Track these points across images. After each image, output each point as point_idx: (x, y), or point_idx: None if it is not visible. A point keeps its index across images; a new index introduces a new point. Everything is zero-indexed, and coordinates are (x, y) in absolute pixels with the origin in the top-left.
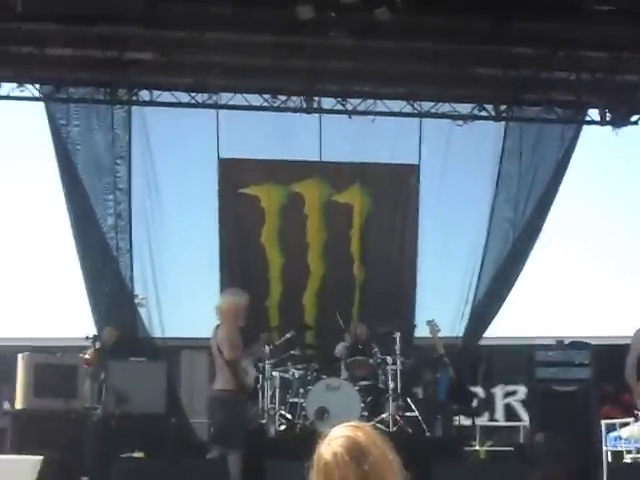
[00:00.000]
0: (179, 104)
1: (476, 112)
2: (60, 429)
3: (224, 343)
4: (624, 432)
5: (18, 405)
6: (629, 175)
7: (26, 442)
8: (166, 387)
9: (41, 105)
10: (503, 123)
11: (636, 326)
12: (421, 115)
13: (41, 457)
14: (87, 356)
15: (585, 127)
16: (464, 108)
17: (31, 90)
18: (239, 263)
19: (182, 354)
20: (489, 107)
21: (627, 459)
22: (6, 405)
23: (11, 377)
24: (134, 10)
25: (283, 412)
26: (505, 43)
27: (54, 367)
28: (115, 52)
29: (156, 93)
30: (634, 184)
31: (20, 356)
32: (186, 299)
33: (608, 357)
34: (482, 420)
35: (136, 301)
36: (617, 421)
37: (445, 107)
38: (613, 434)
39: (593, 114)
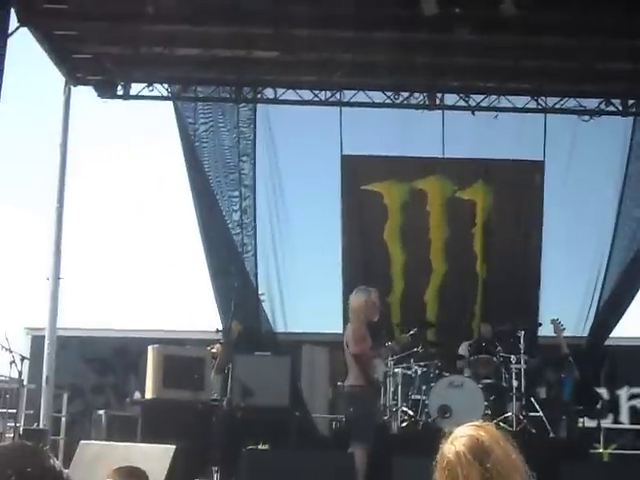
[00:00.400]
0: (303, 102)
1: (603, 107)
2: (188, 420)
3: (350, 339)
4: None
5: (148, 395)
6: None
7: (155, 431)
8: (290, 381)
9: (169, 104)
10: (631, 118)
11: None
12: (546, 111)
13: (174, 446)
14: (214, 349)
15: None
16: (590, 103)
17: (160, 90)
18: (361, 259)
19: (303, 349)
20: (616, 102)
21: None
22: (136, 395)
23: (141, 368)
24: (260, 9)
25: (405, 409)
26: (633, 36)
27: (183, 359)
28: (241, 51)
29: (280, 91)
30: None
31: (150, 348)
32: (308, 295)
33: None
34: (606, 422)
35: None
36: None
37: (571, 102)
38: None
39: None
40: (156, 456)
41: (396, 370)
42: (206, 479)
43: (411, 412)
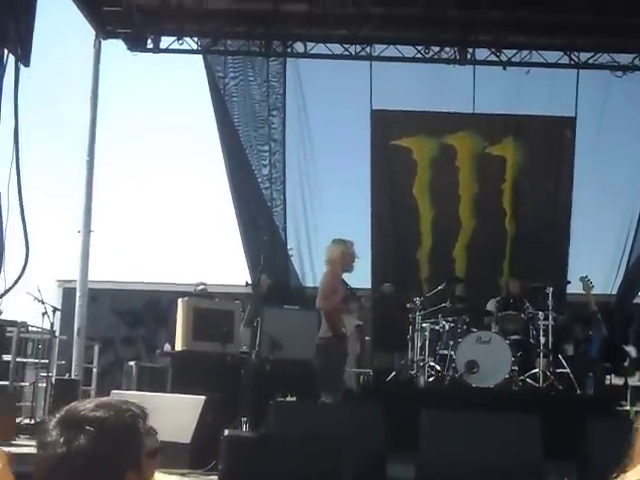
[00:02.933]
0: (333, 56)
1: (636, 62)
2: (217, 371)
3: (320, 292)
4: None
5: (178, 347)
6: None
7: (185, 382)
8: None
9: (199, 58)
10: None
11: None
12: (578, 66)
13: (204, 397)
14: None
15: None
16: (624, 58)
17: (190, 43)
18: (390, 215)
19: None
20: None
21: None
22: (166, 347)
23: (171, 321)
24: None
25: (432, 363)
26: None
27: (212, 312)
28: (271, 4)
29: (310, 45)
30: None
31: (180, 300)
32: None
33: None
34: (634, 380)
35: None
36: None
37: (604, 57)
38: None
39: None
40: (186, 407)
41: (424, 325)
42: (235, 429)
43: (438, 367)
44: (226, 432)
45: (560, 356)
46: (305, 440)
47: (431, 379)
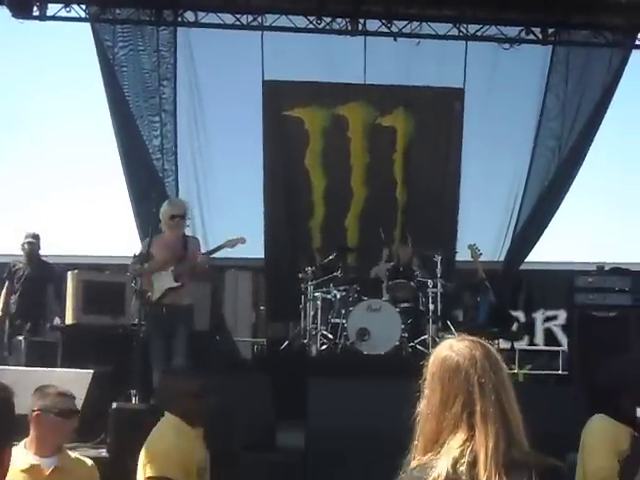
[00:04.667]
0: (224, 25)
1: (523, 35)
2: (108, 345)
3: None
4: None
5: (68, 321)
6: None
7: (75, 356)
8: (211, 306)
9: (87, 26)
10: (550, 47)
11: None
12: (467, 38)
13: (92, 371)
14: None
15: (634, 52)
16: (511, 31)
17: (77, 11)
18: (283, 185)
19: (226, 274)
20: (536, 30)
21: None
22: (56, 321)
23: (61, 294)
24: None
25: (325, 332)
26: None
27: (102, 284)
28: None
29: (201, 14)
30: None
31: (69, 273)
32: (230, 220)
33: None
34: (522, 344)
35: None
36: None
37: (491, 30)
38: None
39: None
40: (74, 380)
41: (316, 294)
42: (124, 402)
43: (330, 335)
44: (114, 405)
45: (449, 322)
46: None
47: (323, 347)
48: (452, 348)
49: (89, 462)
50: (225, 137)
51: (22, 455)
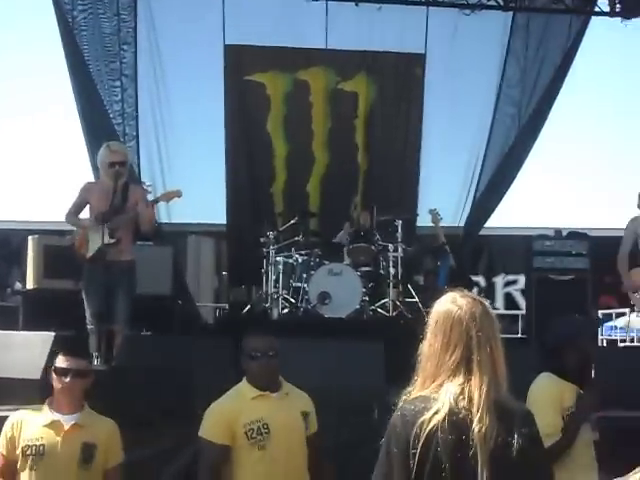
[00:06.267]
0: None
1: (484, 1)
2: (69, 308)
3: None
4: (620, 322)
5: (29, 285)
6: (636, 68)
7: (36, 320)
8: (172, 270)
9: None
10: (511, 13)
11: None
12: (428, 3)
13: (53, 333)
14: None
15: (594, 18)
16: None
17: None
18: (244, 150)
19: (188, 239)
20: None
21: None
22: (17, 285)
23: (22, 259)
24: None
25: (287, 296)
26: None
27: (63, 249)
28: None
29: None
30: None
31: (30, 238)
32: (192, 185)
33: (607, 249)
34: None
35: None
36: (614, 311)
37: None
38: (609, 324)
39: (602, 4)
40: (35, 343)
41: (278, 259)
42: None
43: (292, 299)
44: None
45: (410, 286)
46: (156, 372)
47: (285, 311)
48: (455, 302)
49: (110, 421)
50: (187, 102)
51: (45, 412)
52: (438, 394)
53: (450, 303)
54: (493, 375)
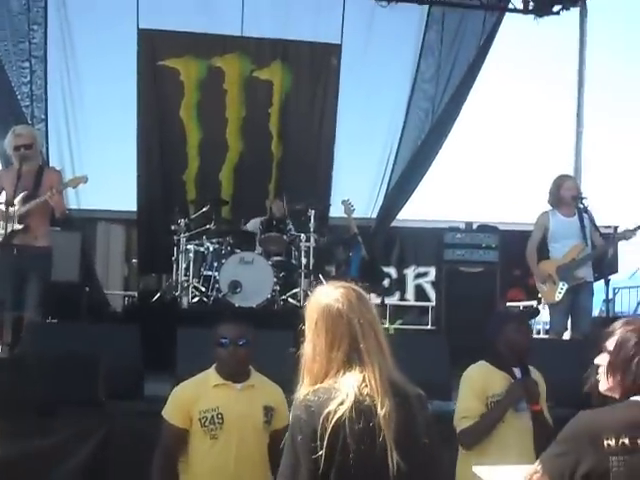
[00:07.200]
0: None
1: None
2: None
3: None
4: None
5: None
6: (548, 64)
7: None
8: (80, 257)
9: None
10: (426, 7)
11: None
12: None
13: None
14: None
15: (507, 15)
16: None
17: None
18: (157, 136)
19: (98, 226)
20: None
21: None
22: None
23: None
24: None
25: (197, 285)
26: None
27: None
28: None
29: None
30: (551, 74)
31: None
32: (103, 171)
33: (517, 243)
34: (393, 299)
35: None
36: (521, 303)
37: None
38: None
39: (516, 2)
40: None
41: (188, 247)
42: None
43: (202, 288)
44: None
45: (321, 276)
46: (61, 359)
47: (195, 300)
48: (330, 296)
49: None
50: (98, 85)
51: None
52: (339, 384)
53: (325, 298)
54: (382, 359)
